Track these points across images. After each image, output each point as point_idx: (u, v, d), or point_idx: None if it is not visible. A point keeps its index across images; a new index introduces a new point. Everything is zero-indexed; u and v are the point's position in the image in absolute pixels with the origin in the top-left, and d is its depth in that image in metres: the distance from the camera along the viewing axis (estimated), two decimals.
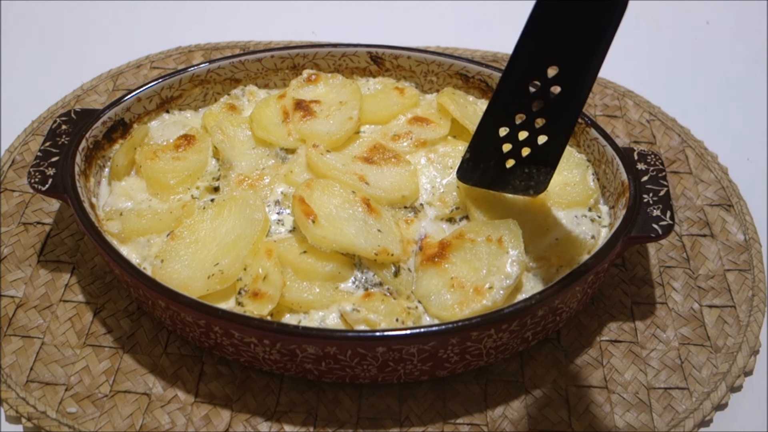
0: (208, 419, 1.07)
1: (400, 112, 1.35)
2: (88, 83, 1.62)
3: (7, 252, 1.27)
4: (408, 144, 1.28)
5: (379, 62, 1.43)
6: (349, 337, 0.99)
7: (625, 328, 1.19)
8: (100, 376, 1.11)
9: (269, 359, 1.05)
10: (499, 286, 1.06)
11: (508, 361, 1.14)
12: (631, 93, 1.62)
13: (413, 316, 1.06)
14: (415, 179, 1.23)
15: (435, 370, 1.07)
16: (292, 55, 1.42)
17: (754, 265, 1.28)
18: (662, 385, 1.12)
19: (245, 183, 1.22)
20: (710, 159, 1.47)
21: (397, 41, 1.49)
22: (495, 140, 1.10)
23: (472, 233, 1.13)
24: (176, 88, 1.36)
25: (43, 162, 1.19)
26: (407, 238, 1.15)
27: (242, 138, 1.30)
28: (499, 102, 1.06)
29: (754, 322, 1.20)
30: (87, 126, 1.24)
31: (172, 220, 1.16)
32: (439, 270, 1.11)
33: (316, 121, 1.29)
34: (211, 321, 1.01)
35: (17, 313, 1.19)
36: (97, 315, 1.19)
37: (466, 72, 1.39)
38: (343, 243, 1.09)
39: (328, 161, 1.23)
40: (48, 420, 1.06)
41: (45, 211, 1.34)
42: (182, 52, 1.70)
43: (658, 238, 1.10)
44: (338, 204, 1.14)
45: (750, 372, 1.15)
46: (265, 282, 1.06)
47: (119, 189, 1.24)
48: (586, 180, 1.23)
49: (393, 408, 1.09)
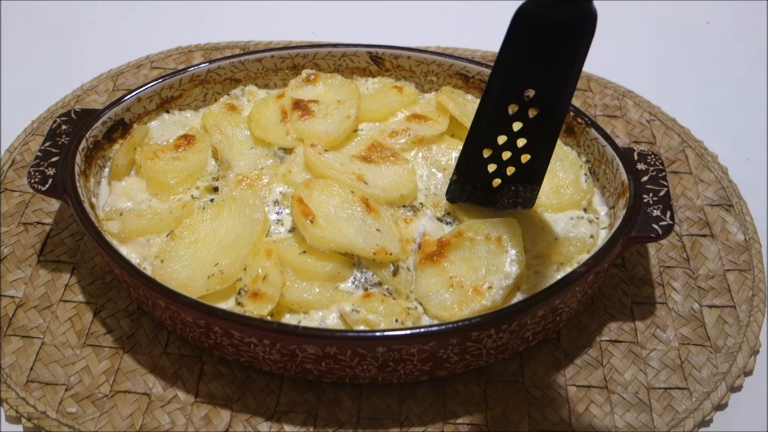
0: (208, 419, 1.07)
1: (398, 109, 1.35)
2: (88, 83, 1.62)
3: (7, 252, 1.27)
4: (405, 140, 1.28)
5: (379, 62, 1.43)
6: (349, 337, 0.99)
7: (625, 328, 1.19)
8: (100, 376, 1.11)
9: (269, 359, 1.05)
10: (499, 285, 1.07)
11: (508, 361, 1.14)
12: (631, 93, 1.62)
13: (413, 317, 1.06)
14: (413, 178, 1.23)
15: (435, 370, 1.07)
16: (292, 55, 1.42)
17: (754, 265, 1.28)
18: (662, 385, 1.12)
19: (244, 183, 1.22)
20: (710, 159, 1.46)
21: (397, 41, 1.49)
22: (480, 161, 1.13)
23: (471, 232, 1.13)
24: (176, 88, 1.36)
25: (43, 162, 1.19)
26: (406, 236, 1.15)
27: (241, 138, 1.30)
28: (481, 124, 1.09)
29: (754, 322, 1.20)
30: (87, 126, 1.24)
31: (172, 220, 1.16)
32: (438, 269, 1.11)
33: (314, 121, 1.30)
34: (211, 321, 1.01)
35: (17, 313, 1.19)
36: (97, 315, 1.19)
37: (466, 72, 1.39)
38: (341, 243, 1.09)
39: (326, 161, 1.23)
40: (48, 420, 1.06)
41: (45, 211, 1.34)
42: (182, 52, 1.70)
43: (658, 238, 1.10)
44: (337, 204, 1.14)
45: (750, 372, 1.15)
46: (264, 282, 1.06)
47: (119, 189, 1.24)
48: (579, 181, 1.23)
49: (393, 408, 1.09)
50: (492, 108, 1.06)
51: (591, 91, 1.62)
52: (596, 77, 1.65)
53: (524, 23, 0.95)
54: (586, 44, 0.95)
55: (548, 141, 1.07)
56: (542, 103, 1.03)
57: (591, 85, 1.63)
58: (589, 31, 0.93)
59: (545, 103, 1.03)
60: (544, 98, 1.03)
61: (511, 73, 1.01)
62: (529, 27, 0.95)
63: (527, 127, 1.07)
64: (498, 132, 1.09)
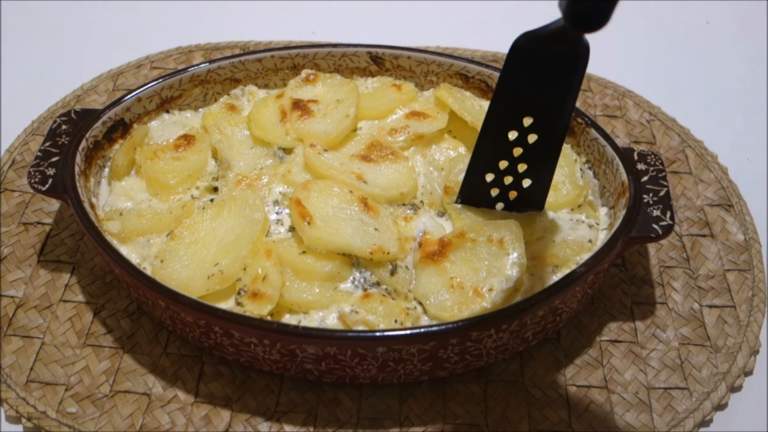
0: (208, 419, 1.07)
1: (397, 106, 1.35)
2: (88, 83, 1.62)
3: (7, 252, 1.27)
4: (405, 138, 1.28)
5: (379, 62, 1.43)
6: (349, 337, 0.99)
7: (625, 328, 1.19)
8: (100, 376, 1.11)
9: (269, 359, 1.05)
10: (499, 288, 1.07)
11: (508, 361, 1.14)
12: (631, 93, 1.62)
13: (412, 317, 1.06)
14: (412, 176, 1.23)
15: (435, 370, 1.07)
16: (292, 55, 1.42)
17: (754, 265, 1.28)
18: (662, 385, 1.12)
19: (243, 183, 1.22)
20: (710, 159, 1.46)
21: (397, 41, 1.49)
22: (483, 186, 1.15)
23: (473, 233, 1.13)
24: (176, 88, 1.36)
25: (43, 162, 1.19)
26: (405, 235, 1.15)
27: (240, 138, 1.30)
28: (482, 150, 1.12)
29: (754, 322, 1.20)
30: (87, 126, 1.24)
31: (172, 220, 1.16)
32: (439, 269, 1.11)
33: (313, 121, 1.30)
34: (211, 321, 1.01)
35: (17, 313, 1.19)
36: (97, 315, 1.19)
37: (466, 72, 1.39)
38: (338, 243, 1.09)
39: (326, 160, 1.23)
40: (48, 420, 1.06)
41: (45, 211, 1.34)
42: (182, 52, 1.70)
43: (658, 238, 1.10)
44: (335, 204, 1.14)
45: (750, 372, 1.15)
46: (264, 282, 1.06)
47: (119, 189, 1.24)
48: (575, 176, 1.24)
49: (393, 408, 1.09)
50: (493, 132, 1.09)
51: (591, 91, 1.62)
52: (596, 77, 1.65)
53: (519, 55, 0.99)
54: (581, 74, 0.98)
55: (548, 165, 1.10)
56: (540, 130, 1.06)
57: (591, 85, 1.63)
58: (582, 63, 0.96)
59: (543, 130, 1.06)
60: (542, 125, 1.06)
61: (509, 101, 1.04)
62: (524, 59, 0.99)
63: (527, 153, 1.10)
64: (500, 157, 1.12)
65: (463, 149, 1.29)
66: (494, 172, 1.14)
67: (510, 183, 1.14)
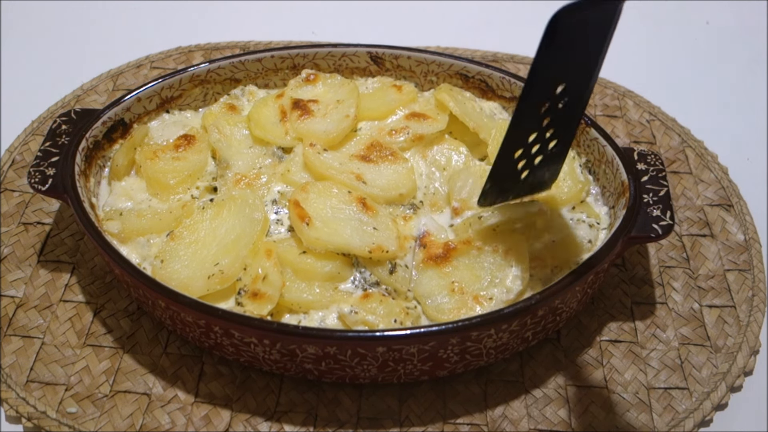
0: (208, 419, 1.07)
1: (397, 107, 1.35)
2: (88, 83, 1.62)
3: (7, 252, 1.27)
4: (404, 139, 1.28)
5: (379, 62, 1.43)
6: (349, 337, 0.99)
7: (625, 328, 1.19)
8: (100, 376, 1.11)
9: (269, 359, 1.05)
10: (499, 299, 1.08)
11: (508, 361, 1.14)
12: (631, 93, 1.62)
13: (411, 317, 1.06)
14: (412, 176, 1.23)
15: (435, 370, 1.07)
16: (292, 55, 1.42)
17: (754, 265, 1.28)
18: (662, 385, 1.12)
19: (242, 182, 1.22)
20: (710, 159, 1.46)
21: (397, 41, 1.49)
22: (513, 163, 1.11)
23: (479, 241, 1.13)
24: (176, 88, 1.36)
25: (43, 162, 1.19)
26: (405, 234, 1.15)
27: (239, 137, 1.30)
28: (517, 131, 1.07)
29: (754, 322, 1.20)
30: (87, 126, 1.24)
31: (172, 220, 1.16)
32: (441, 272, 1.11)
33: (313, 120, 1.30)
34: (211, 321, 1.01)
35: (17, 313, 1.19)
36: (97, 315, 1.19)
37: (466, 72, 1.39)
38: (337, 243, 1.09)
39: (325, 160, 1.23)
40: (48, 420, 1.06)
41: (45, 211, 1.34)
42: (182, 52, 1.70)
43: (658, 238, 1.10)
44: (334, 205, 1.14)
45: (750, 372, 1.15)
46: (264, 282, 1.06)
47: (119, 189, 1.24)
48: (575, 172, 1.24)
49: (393, 408, 1.09)
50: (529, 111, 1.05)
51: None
52: None
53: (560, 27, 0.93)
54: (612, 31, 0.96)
55: (574, 122, 1.07)
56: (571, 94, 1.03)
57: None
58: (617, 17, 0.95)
59: (573, 93, 1.03)
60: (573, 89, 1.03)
61: (546, 77, 1.01)
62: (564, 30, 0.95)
63: (555, 117, 1.06)
64: (531, 132, 1.07)
65: (463, 149, 1.28)
66: (524, 146, 1.08)
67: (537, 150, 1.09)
